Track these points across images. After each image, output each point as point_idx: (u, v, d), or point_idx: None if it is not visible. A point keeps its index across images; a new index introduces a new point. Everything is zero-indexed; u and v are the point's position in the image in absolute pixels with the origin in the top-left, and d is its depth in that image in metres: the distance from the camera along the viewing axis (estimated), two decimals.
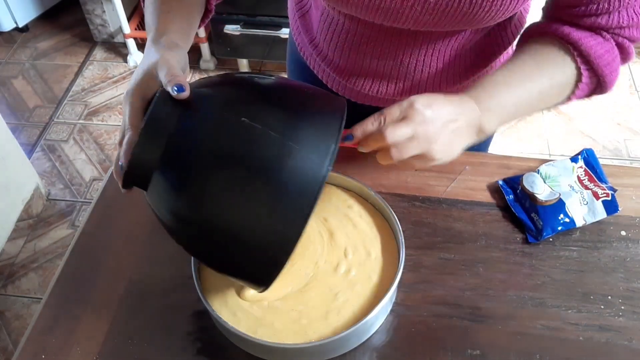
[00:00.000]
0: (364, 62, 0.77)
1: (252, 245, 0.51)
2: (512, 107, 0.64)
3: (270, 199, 0.50)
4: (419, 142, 0.59)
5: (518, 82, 0.65)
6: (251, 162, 0.50)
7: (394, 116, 0.59)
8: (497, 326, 0.69)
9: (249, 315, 0.66)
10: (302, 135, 0.51)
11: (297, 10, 0.84)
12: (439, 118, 0.59)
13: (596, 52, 0.63)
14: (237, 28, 2.17)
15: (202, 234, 0.53)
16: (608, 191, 0.78)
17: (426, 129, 0.58)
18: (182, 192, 0.52)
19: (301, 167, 0.50)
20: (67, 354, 0.69)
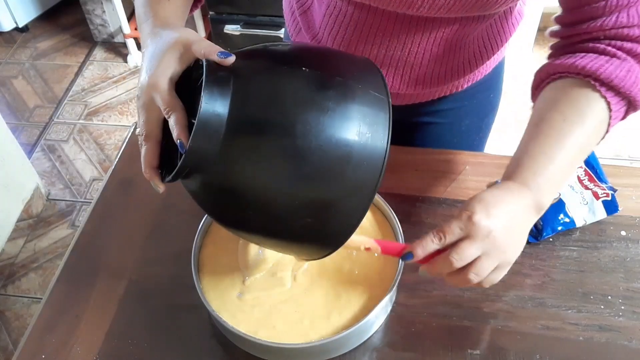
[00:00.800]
0: (370, 53, 0.77)
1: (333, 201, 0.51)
2: (558, 175, 0.60)
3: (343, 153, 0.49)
4: (491, 256, 0.56)
5: (555, 148, 0.60)
6: (320, 111, 0.49)
7: (455, 233, 0.56)
8: (497, 326, 0.69)
9: (249, 317, 0.66)
10: (359, 77, 0.52)
11: (298, 8, 0.84)
12: (502, 224, 0.56)
13: (618, 76, 0.60)
14: (237, 28, 2.17)
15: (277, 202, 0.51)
16: (608, 191, 0.78)
17: (494, 242, 0.56)
18: (253, 167, 0.50)
19: (368, 105, 0.50)
20: (67, 354, 0.69)
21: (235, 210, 0.54)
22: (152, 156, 0.55)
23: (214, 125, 0.48)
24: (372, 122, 0.51)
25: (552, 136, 0.60)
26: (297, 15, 0.84)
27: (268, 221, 0.54)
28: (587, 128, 0.61)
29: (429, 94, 0.84)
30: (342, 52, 0.62)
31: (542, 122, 0.61)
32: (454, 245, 0.56)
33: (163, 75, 0.53)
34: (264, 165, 0.50)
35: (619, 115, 0.63)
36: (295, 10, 0.85)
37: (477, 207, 0.57)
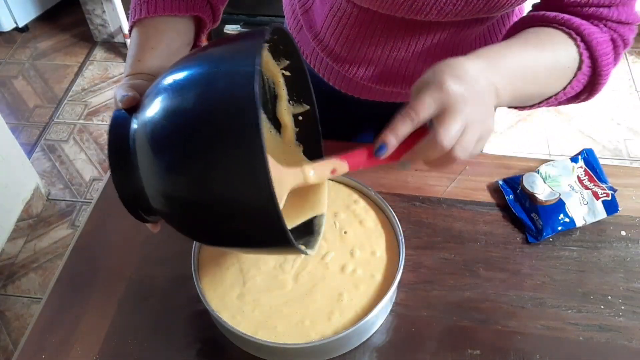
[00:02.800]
0: (374, 54, 0.77)
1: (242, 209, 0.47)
2: (520, 71, 0.58)
3: (230, 161, 0.45)
4: (474, 127, 0.52)
5: (523, 50, 0.59)
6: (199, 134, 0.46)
7: (429, 107, 0.51)
8: (497, 326, 0.69)
9: (249, 317, 0.66)
10: (225, 60, 0.48)
11: (300, 7, 0.84)
12: (475, 88, 0.52)
13: (597, 38, 0.61)
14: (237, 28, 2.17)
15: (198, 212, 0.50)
16: (608, 191, 0.79)
17: (474, 109, 0.51)
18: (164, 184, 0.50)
19: (231, 77, 0.45)
20: (67, 354, 0.69)
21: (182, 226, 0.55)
22: None
23: (123, 159, 0.51)
24: (238, 86, 0.44)
25: (524, 44, 0.60)
26: (299, 14, 0.84)
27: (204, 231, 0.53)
28: (555, 55, 0.61)
29: None
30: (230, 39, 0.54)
31: (518, 37, 0.62)
32: (438, 123, 0.51)
33: None
34: (168, 179, 0.49)
35: (581, 81, 0.63)
36: (296, 9, 0.85)
37: (446, 73, 0.51)
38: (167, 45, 0.66)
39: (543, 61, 0.60)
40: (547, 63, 0.60)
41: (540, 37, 0.62)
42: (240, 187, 0.45)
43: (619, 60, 0.65)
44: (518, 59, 0.58)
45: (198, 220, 0.51)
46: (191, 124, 0.46)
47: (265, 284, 0.68)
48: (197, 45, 0.74)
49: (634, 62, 2.36)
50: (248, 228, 0.49)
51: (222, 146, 0.45)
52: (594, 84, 0.64)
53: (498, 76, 0.56)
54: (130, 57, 0.65)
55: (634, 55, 2.38)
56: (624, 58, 2.36)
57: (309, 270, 0.69)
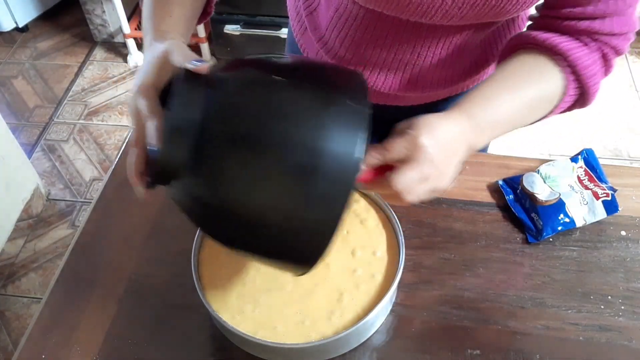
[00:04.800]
0: (379, 57, 0.77)
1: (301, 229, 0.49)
2: (501, 121, 0.64)
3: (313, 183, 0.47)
4: (430, 182, 0.57)
5: (507, 94, 0.64)
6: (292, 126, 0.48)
7: (398, 152, 0.57)
8: (497, 326, 0.69)
9: (249, 317, 0.66)
10: (336, 86, 0.50)
11: (305, 9, 0.83)
12: (444, 150, 0.58)
13: (583, 62, 0.64)
14: (237, 28, 2.17)
15: (246, 216, 0.50)
16: (608, 191, 0.79)
17: (435, 168, 0.57)
18: (221, 177, 0.49)
19: (344, 116, 0.48)
20: (67, 354, 0.69)
21: (208, 221, 0.54)
22: (138, 162, 0.56)
23: (184, 133, 0.49)
24: (346, 138, 0.48)
25: (508, 85, 0.64)
26: (303, 15, 0.84)
27: (239, 235, 0.53)
28: (541, 92, 0.65)
29: (433, 96, 0.84)
30: (328, 65, 0.60)
31: (505, 71, 0.66)
32: (398, 168, 0.56)
33: (148, 83, 0.55)
34: (231, 178, 0.49)
35: (568, 101, 0.67)
36: (301, 10, 0.84)
37: (423, 130, 0.57)
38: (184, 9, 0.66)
39: (528, 100, 0.64)
40: (532, 100, 0.65)
41: (527, 71, 0.65)
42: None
43: (612, 69, 0.67)
44: (502, 109, 0.63)
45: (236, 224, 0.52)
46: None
47: (265, 284, 0.68)
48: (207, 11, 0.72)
49: (634, 62, 2.36)
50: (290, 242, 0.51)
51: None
52: (583, 99, 0.67)
53: (477, 135, 0.61)
54: (150, 21, 0.63)
55: (634, 55, 2.38)
56: (624, 58, 2.36)
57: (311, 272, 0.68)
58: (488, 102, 0.63)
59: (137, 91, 0.55)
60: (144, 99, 0.54)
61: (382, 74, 0.80)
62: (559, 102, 0.66)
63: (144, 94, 0.54)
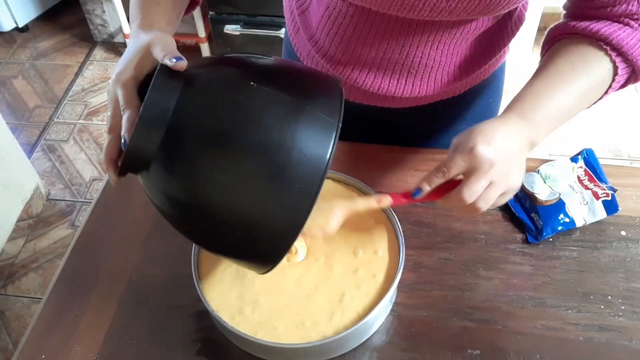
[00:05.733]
0: (368, 55, 0.77)
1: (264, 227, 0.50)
2: (556, 115, 0.64)
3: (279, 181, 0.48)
4: (498, 185, 0.59)
5: (558, 89, 0.64)
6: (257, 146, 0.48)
7: (458, 166, 0.59)
8: (497, 326, 0.69)
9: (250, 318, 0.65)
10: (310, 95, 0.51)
11: (297, 8, 0.83)
12: (503, 151, 0.59)
13: (628, 43, 0.64)
14: (237, 28, 2.17)
15: (209, 213, 0.51)
16: (608, 191, 0.78)
17: (499, 171, 0.59)
18: (187, 173, 0.50)
19: (313, 127, 0.49)
20: (67, 354, 0.69)
21: (172, 215, 0.55)
22: (113, 149, 0.57)
23: (155, 126, 0.50)
24: (313, 144, 0.49)
25: (557, 79, 0.64)
26: (296, 15, 0.84)
27: (199, 231, 0.54)
28: (591, 81, 0.65)
29: (427, 98, 0.84)
30: (308, 70, 0.61)
31: (550, 66, 0.66)
32: (464, 181, 0.59)
33: (127, 73, 0.56)
34: (195, 173, 0.50)
35: (620, 81, 0.67)
36: (294, 10, 0.84)
37: (478, 138, 0.59)
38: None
39: (578, 91, 0.65)
40: (582, 90, 0.65)
41: (573, 62, 0.65)
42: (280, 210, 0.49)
43: None
44: (554, 104, 0.64)
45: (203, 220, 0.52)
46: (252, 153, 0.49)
47: (265, 286, 0.68)
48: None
49: None
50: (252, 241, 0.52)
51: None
52: (636, 74, 0.67)
53: (533, 130, 0.63)
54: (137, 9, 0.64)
55: None
56: None
57: (313, 273, 0.69)
58: (538, 100, 0.64)
59: (115, 80, 0.56)
60: (122, 89, 0.55)
61: (372, 74, 0.79)
62: (611, 84, 0.66)
63: (122, 84, 0.56)
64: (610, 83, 0.66)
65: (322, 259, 0.70)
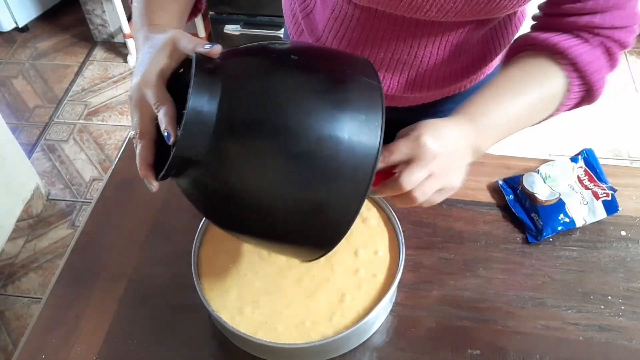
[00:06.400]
0: (376, 57, 0.77)
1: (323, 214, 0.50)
2: (504, 124, 0.65)
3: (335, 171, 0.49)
4: (437, 178, 0.59)
5: (508, 97, 0.64)
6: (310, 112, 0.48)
7: (402, 152, 0.58)
8: (497, 326, 0.69)
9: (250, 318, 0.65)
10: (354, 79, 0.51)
11: (301, 11, 0.83)
12: (448, 148, 0.59)
13: (585, 59, 0.64)
14: (237, 28, 2.17)
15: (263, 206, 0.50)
16: (608, 191, 0.79)
17: (440, 165, 0.58)
18: (240, 169, 0.49)
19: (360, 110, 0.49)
20: (67, 354, 0.69)
21: (225, 210, 0.53)
22: (148, 153, 0.54)
23: (204, 118, 0.48)
24: (363, 124, 0.50)
25: (508, 88, 0.65)
26: (300, 18, 0.84)
27: (259, 223, 0.53)
28: (542, 93, 0.65)
29: (432, 96, 0.84)
30: (337, 51, 0.62)
31: (505, 76, 0.66)
32: (403, 167, 0.57)
33: (153, 72, 0.54)
34: (252, 165, 0.49)
35: (573, 99, 0.67)
36: (297, 13, 0.84)
37: (425, 129, 0.58)
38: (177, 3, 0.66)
39: (528, 102, 0.65)
40: (532, 101, 0.65)
41: (527, 73, 0.66)
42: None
43: (617, 62, 0.67)
44: (504, 112, 0.64)
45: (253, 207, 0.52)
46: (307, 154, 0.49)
47: (264, 286, 0.68)
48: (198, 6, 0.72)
49: (634, 62, 2.36)
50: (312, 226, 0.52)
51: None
52: (590, 95, 0.67)
53: (479, 137, 0.62)
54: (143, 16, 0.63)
55: (634, 55, 2.38)
56: (624, 58, 2.36)
57: (313, 273, 0.69)
58: (489, 106, 0.64)
59: (142, 81, 0.54)
60: (151, 88, 0.53)
61: (380, 75, 0.80)
62: (563, 101, 0.66)
63: (151, 83, 0.53)
64: (562, 100, 0.66)
65: (322, 259, 0.70)
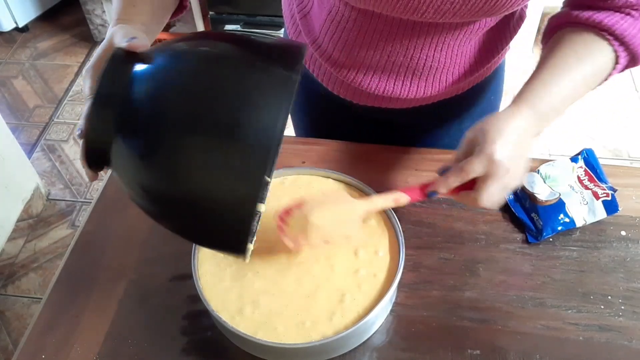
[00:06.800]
0: (372, 58, 0.77)
1: (215, 211, 0.47)
2: (560, 103, 0.66)
3: (225, 161, 0.46)
4: (509, 188, 0.62)
5: (563, 78, 0.66)
6: (203, 128, 0.46)
7: (476, 172, 0.61)
8: (497, 326, 0.69)
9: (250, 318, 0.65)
10: (251, 94, 0.47)
11: (299, 12, 0.83)
12: (517, 154, 0.61)
13: (630, 33, 0.65)
14: (237, 28, 2.17)
15: (165, 200, 0.50)
16: (608, 191, 0.78)
17: (512, 175, 0.61)
18: (143, 158, 0.48)
19: (253, 127, 0.45)
20: (67, 354, 0.69)
21: (141, 204, 0.53)
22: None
23: (104, 111, 0.48)
24: (267, 104, 0.46)
25: (563, 69, 0.66)
26: (297, 19, 0.84)
27: (162, 215, 0.53)
28: (595, 68, 0.67)
29: (430, 98, 0.84)
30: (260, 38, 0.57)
31: (556, 55, 0.67)
32: (481, 185, 0.61)
33: (90, 66, 0.57)
34: (153, 156, 0.48)
35: (619, 68, 0.68)
36: (295, 14, 0.84)
37: (496, 141, 0.60)
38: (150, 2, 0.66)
39: (582, 79, 0.67)
40: (586, 77, 0.67)
41: (577, 51, 0.67)
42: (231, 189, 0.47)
43: None
44: (561, 94, 0.66)
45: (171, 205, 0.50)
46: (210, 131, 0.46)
47: (265, 287, 0.68)
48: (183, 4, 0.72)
49: None
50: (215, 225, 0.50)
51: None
52: (634, 60, 0.69)
53: (542, 122, 0.65)
54: (114, 11, 0.64)
55: None
56: None
57: (313, 273, 0.68)
58: (547, 90, 0.65)
59: (84, 72, 0.58)
60: (89, 80, 0.56)
61: (376, 77, 0.79)
62: (611, 71, 0.68)
63: (86, 77, 0.56)
64: (610, 71, 0.68)
65: (322, 260, 0.70)
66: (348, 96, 0.86)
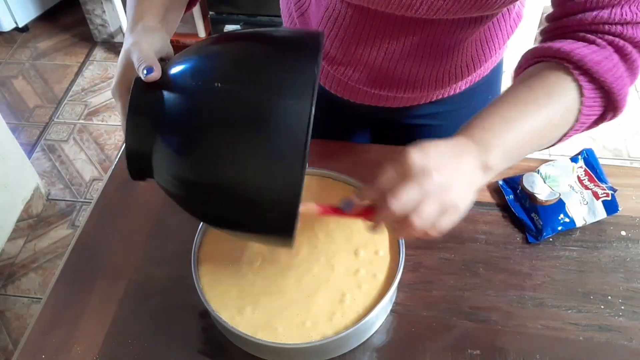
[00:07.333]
0: (369, 55, 0.77)
1: (262, 198, 0.50)
2: (512, 140, 0.58)
3: (263, 150, 0.49)
4: (434, 198, 0.52)
5: (514, 110, 0.58)
6: (235, 122, 0.50)
7: (390, 176, 0.53)
8: (497, 326, 0.69)
9: (250, 318, 0.65)
10: (278, 82, 0.50)
11: (296, 10, 0.83)
12: (439, 163, 0.53)
13: (592, 59, 0.57)
14: (237, 28, 2.17)
15: (210, 199, 0.53)
16: (608, 191, 0.79)
17: (432, 181, 0.52)
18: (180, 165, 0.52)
19: (284, 114, 0.49)
20: (67, 354, 0.69)
21: (191, 203, 0.56)
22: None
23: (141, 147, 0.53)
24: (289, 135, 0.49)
25: (513, 104, 0.59)
26: (295, 17, 0.84)
27: (214, 212, 0.55)
28: (553, 105, 0.58)
29: (427, 97, 0.84)
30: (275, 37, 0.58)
31: (508, 93, 0.60)
32: (395, 187, 0.52)
33: (117, 84, 0.59)
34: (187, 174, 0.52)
35: (594, 106, 0.59)
36: (293, 12, 0.84)
37: (413, 148, 0.53)
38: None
39: (539, 114, 0.58)
40: (546, 114, 0.58)
41: (533, 87, 0.60)
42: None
43: (637, 65, 0.60)
44: (508, 126, 0.57)
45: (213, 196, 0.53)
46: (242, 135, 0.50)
47: (265, 287, 0.68)
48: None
49: None
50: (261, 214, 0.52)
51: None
52: (612, 102, 0.60)
53: (484, 152, 0.56)
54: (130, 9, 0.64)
55: None
56: None
57: (314, 273, 0.69)
58: (490, 120, 0.58)
59: (112, 92, 0.59)
60: (118, 101, 0.59)
61: (372, 74, 0.79)
62: (581, 110, 0.59)
63: (116, 96, 0.59)
64: (580, 109, 0.59)
65: (322, 260, 0.70)
66: (345, 94, 0.86)
